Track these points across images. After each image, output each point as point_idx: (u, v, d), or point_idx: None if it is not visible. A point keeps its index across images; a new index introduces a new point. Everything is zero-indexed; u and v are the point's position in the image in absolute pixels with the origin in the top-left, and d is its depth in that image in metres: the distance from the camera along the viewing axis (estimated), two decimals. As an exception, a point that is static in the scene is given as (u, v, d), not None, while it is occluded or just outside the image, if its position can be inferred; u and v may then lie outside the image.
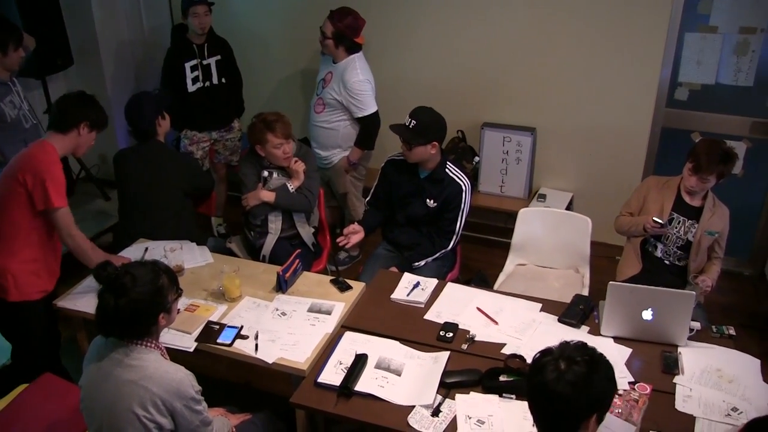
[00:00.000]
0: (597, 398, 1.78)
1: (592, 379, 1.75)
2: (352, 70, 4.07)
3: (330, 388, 2.48)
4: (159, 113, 3.62)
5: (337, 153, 4.31)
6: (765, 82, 4.17)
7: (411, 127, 3.27)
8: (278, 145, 3.53)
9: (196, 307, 2.96)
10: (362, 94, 4.08)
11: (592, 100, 4.48)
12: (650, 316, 2.68)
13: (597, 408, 1.79)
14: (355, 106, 4.10)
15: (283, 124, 3.52)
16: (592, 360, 1.79)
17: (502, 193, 4.78)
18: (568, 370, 1.75)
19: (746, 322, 4.12)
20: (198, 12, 4.28)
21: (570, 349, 1.81)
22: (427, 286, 3.08)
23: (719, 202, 3.34)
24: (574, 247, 3.59)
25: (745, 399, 2.44)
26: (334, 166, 4.35)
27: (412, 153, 3.32)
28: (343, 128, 4.22)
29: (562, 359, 1.77)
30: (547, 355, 1.82)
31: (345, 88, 4.06)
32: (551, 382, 1.74)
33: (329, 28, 4.03)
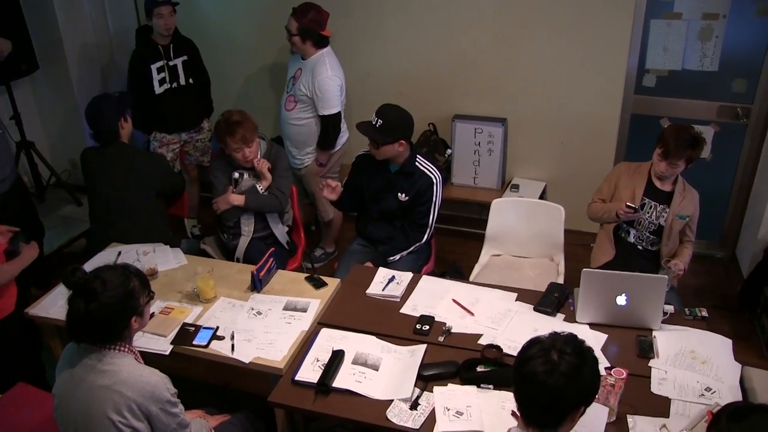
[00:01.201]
0: (587, 390, 1.79)
1: (582, 372, 1.76)
2: (322, 66, 4.04)
3: (308, 385, 2.47)
4: (121, 115, 3.58)
5: (309, 153, 4.29)
6: (729, 66, 4.22)
7: (378, 127, 3.26)
8: (236, 149, 3.50)
9: (170, 309, 2.93)
10: (329, 92, 4.04)
11: (561, 89, 4.51)
12: (624, 302, 2.71)
13: (585, 400, 1.80)
14: (320, 102, 4.06)
15: (244, 130, 3.46)
16: (582, 352, 1.80)
17: (476, 185, 4.79)
18: (561, 361, 1.75)
19: (718, 304, 4.18)
20: (162, 13, 4.23)
21: (560, 341, 1.81)
22: (402, 279, 3.08)
23: (689, 186, 3.38)
24: (548, 235, 3.61)
25: (718, 379, 2.48)
26: (306, 168, 4.33)
27: (379, 152, 3.32)
28: (315, 125, 4.20)
29: (554, 350, 1.78)
30: (536, 345, 1.82)
31: (314, 84, 4.04)
32: (543, 374, 1.75)
33: (294, 25, 4.00)
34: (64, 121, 5.11)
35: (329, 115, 4.09)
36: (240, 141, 3.47)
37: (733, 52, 4.18)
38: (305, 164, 4.31)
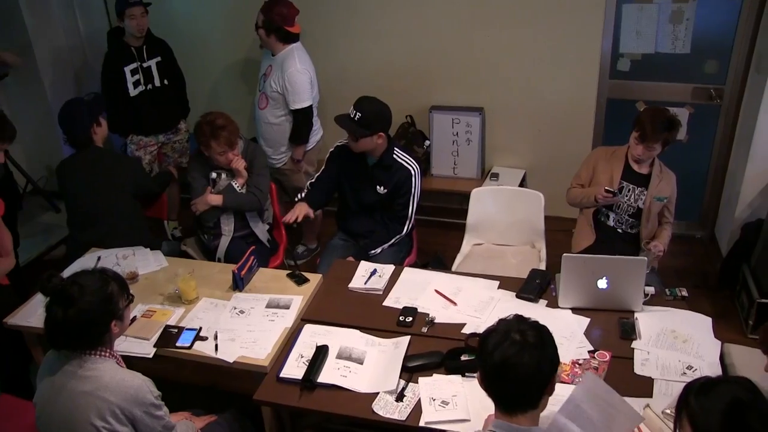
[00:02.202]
0: (553, 359, 1.82)
1: (545, 340, 1.81)
2: (291, 60, 4.02)
3: (293, 382, 2.47)
4: (93, 120, 3.54)
5: (285, 152, 4.27)
6: (701, 48, 4.26)
7: (356, 119, 3.25)
8: (221, 153, 3.47)
9: (153, 312, 2.91)
10: (298, 85, 4.01)
11: (537, 77, 4.52)
12: (605, 285, 2.72)
13: (554, 368, 1.82)
14: (290, 97, 4.04)
15: (229, 133, 3.44)
16: (541, 333, 1.83)
17: (455, 175, 4.80)
18: (525, 337, 1.78)
19: (699, 283, 4.23)
20: (134, 14, 4.18)
21: (513, 323, 1.84)
22: (384, 272, 3.08)
23: (666, 169, 3.40)
24: (528, 222, 3.63)
25: (699, 356, 2.51)
26: (284, 166, 4.31)
27: (357, 144, 3.31)
28: (289, 123, 4.18)
29: (513, 332, 1.80)
30: (493, 335, 1.83)
31: (283, 78, 4.02)
32: (515, 355, 1.76)
33: (260, 17, 3.99)
34: (38, 127, 5.05)
35: (301, 109, 4.08)
36: (225, 145, 3.45)
37: (704, 34, 4.22)
38: (282, 162, 4.30)
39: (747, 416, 1.64)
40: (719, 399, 1.67)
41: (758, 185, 4.08)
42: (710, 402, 1.68)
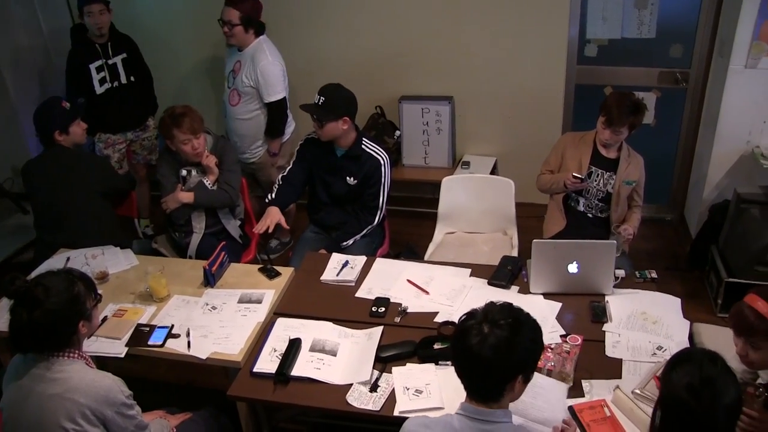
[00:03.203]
0: (520, 361, 1.79)
1: (514, 343, 1.76)
2: (261, 53, 4.00)
3: (266, 376, 2.46)
4: (59, 126, 3.49)
5: (260, 146, 4.25)
6: (666, 33, 4.31)
7: (320, 104, 3.25)
8: (185, 141, 3.43)
9: (124, 311, 2.88)
10: (272, 77, 3.99)
11: (505, 64, 4.54)
12: (576, 269, 2.75)
13: (520, 370, 1.80)
14: (264, 90, 4.02)
15: (190, 119, 3.40)
16: (516, 322, 1.79)
17: (427, 165, 4.81)
18: (491, 334, 1.75)
19: (670, 265, 4.29)
20: (93, 11, 4.11)
21: (494, 311, 1.81)
22: (356, 264, 3.08)
23: (634, 152, 3.44)
24: (499, 210, 3.64)
25: (669, 337, 2.55)
26: (259, 161, 4.28)
27: (324, 130, 3.30)
28: (263, 116, 4.15)
29: (486, 322, 1.78)
30: (471, 319, 1.82)
31: (256, 72, 3.99)
32: (474, 347, 1.75)
33: (234, 14, 3.92)
34: (2, 128, 4.96)
35: (275, 102, 4.06)
36: (188, 131, 3.40)
37: (669, 18, 4.26)
38: (257, 157, 4.27)
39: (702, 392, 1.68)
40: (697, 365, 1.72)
41: (724, 167, 4.14)
42: (675, 376, 1.73)
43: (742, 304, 2.08)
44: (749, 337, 2.06)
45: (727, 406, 1.68)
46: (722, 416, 1.68)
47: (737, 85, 3.88)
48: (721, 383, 1.69)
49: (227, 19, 3.95)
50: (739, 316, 2.07)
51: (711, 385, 1.68)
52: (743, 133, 4.00)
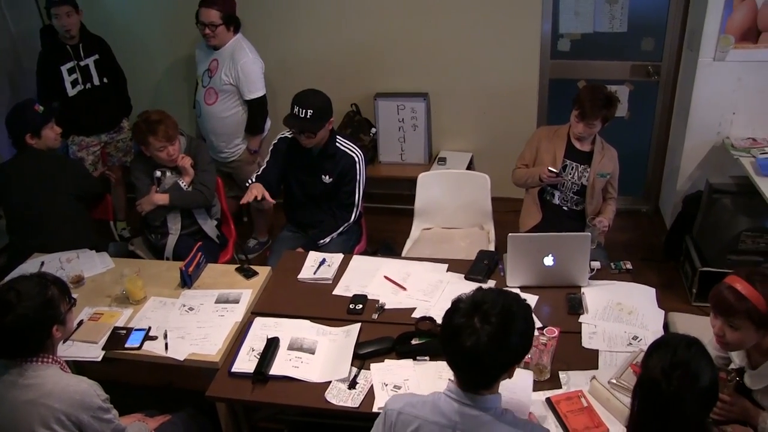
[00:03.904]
0: (516, 352, 1.77)
1: (508, 338, 1.72)
2: (241, 51, 4.00)
3: (245, 376, 2.45)
4: (31, 129, 3.45)
5: (239, 144, 4.23)
6: (637, 27, 4.36)
7: (309, 117, 3.21)
8: (161, 149, 3.41)
9: (100, 314, 2.86)
10: (253, 75, 4.00)
11: (479, 60, 4.56)
12: (551, 262, 2.76)
13: (516, 359, 1.79)
14: (245, 87, 4.01)
15: (166, 126, 3.38)
16: (508, 313, 1.74)
17: (403, 161, 4.82)
18: (483, 330, 1.69)
19: (646, 255, 4.33)
20: (59, 13, 4.06)
21: (487, 304, 1.74)
22: (333, 261, 3.08)
23: (607, 145, 3.46)
24: (476, 205, 3.66)
25: (644, 326, 2.58)
26: (239, 159, 4.27)
27: (316, 139, 3.29)
28: (242, 113, 4.14)
29: (477, 316, 1.71)
30: (459, 310, 1.76)
31: (236, 69, 3.98)
32: (470, 348, 1.69)
33: (215, 15, 3.90)
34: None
35: (256, 99, 4.06)
36: (164, 139, 3.38)
37: (639, 12, 4.32)
38: (236, 155, 4.25)
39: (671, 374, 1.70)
40: (659, 357, 1.75)
41: (697, 158, 4.19)
42: (652, 359, 1.76)
43: (722, 285, 2.10)
44: (728, 317, 2.07)
45: (699, 390, 1.70)
46: (693, 400, 1.70)
47: (707, 78, 3.94)
48: (694, 367, 1.70)
49: (209, 21, 3.92)
50: (719, 297, 2.09)
51: (683, 368, 1.70)
52: (714, 124, 4.06)
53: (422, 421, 1.80)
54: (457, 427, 1.78)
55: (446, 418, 1.79)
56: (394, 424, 1.84)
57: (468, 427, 1.77)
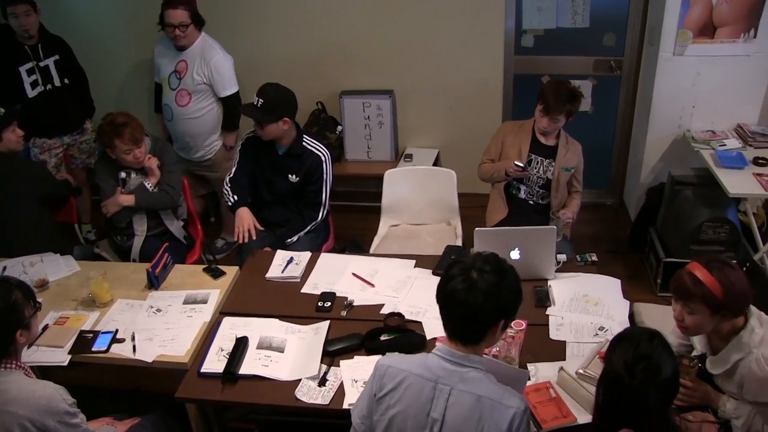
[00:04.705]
0: (505, 306, 1.85)
1: (501, 288, 1.82)
2: (211, 49, 3.99)
3: (214, 376, 2.44)
4: (7, 126, 3.39)
5: (215, 141, 4.21)
6: (599, 22, 4.42)
7: (259, 107, 3.23)
8: (127, 151, 3.38)
9: (66, 318, 2.82)
10: (226, 72, 4.01)
11: (443, 57, 4.58)
12: (518, 256, 2.79)
13: (504, 315, 1.86)
14: (220, 85, 4.01)
15: (132, 129, 3.35)
16: (501, 269, 1.85)
17: (370, 159, 4.83)
18: (480, 279, 1.80)
19: (612, 248, 4.40)
20: (17, 12, 3.97)
21: (480, 260, 1.86)
22: (300, 260, 3.08)
23: (572, 139, 3.51)
24: (442, 200, 3.68)
25: (610, 317, 2.62)
26: (215, 156, 4.24)
27: (265, 132, 3.29)
28: (217, 110, 4.13)
29: (474, 269, 1.82)
30: (457, 265, 1.87)
31: (209, 68, 3.96)
32: (461, 291, 1.80)
33: (184, 15, 3.86)
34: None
35: (230, 96, 4.06)
36: (130, 142, 3.35)
37: (601, 8, 4.37)
38: (213, 153, 4.23)
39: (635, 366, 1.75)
40: (622, 351, 1.80)
41: (659, 151, 4.27)
42: (615, 354, 1.81)
43: (683, 271, 2.17)
44: (686, 301, 2.14)
45: (661, 382, 1.75)
46: (655, 392, 1.74)
47: (667, 72, 4.01)
48: (656, 360, 1.75)
49: (179, 22, 3.88)
50: (678, 282, 2.17)
51: (645, 361, 1.75)
52: (675, 117, 4.14)
53: (407, 373, 1.91)
54: (439, 381, 1.87)
55: (430, 372, 1.88)
56: (383, 377, 1.94)
57: (449, 381, 1.86)
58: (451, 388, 1.85)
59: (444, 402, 1.85)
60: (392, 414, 1.90)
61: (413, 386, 1.88)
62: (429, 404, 1.86)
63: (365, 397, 2.00)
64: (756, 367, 2.09)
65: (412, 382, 1.89)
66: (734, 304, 2.09)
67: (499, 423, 1.81)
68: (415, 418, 1.87)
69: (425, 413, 1.86)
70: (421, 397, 1.87)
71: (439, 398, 1.86)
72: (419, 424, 1.87)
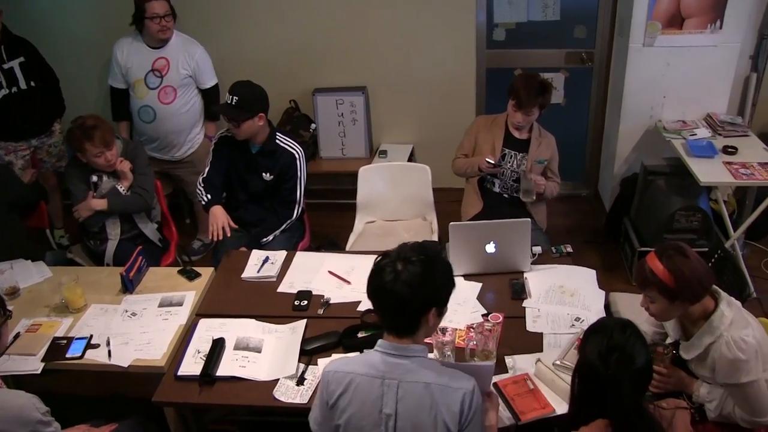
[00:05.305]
0: (432, 295, 1.86)
1: (426, 278, 1.83)
2: (191, 43, 4.02)
3: (191, 379, 2.42)
4: None
5: (198, 132, 4.20)
6: (570, 15, 4.46)
7: (235, 104, 3.20)
8: (98, 155, 3.33)
9: (38, 326, 2.78)
10: (208, 64, 4.07)
11: (415, 52, 4.58)
12: (493, 249, 2.80)
13: (433, 303, 1.87)
14: (203, 77, 4.04)
15: (102, 132, 3.30)
16: (429, 259, 1.86)
17: (344, 156, 4.83)
18: (404, 270, 1.81)
19: (588, 238, 4.43)
20: None
21: (407, 250, 1.88)
22: (276, 259, 3.06)
23: (545, 131, 3.52)
24: (417, 196, 3.69)
25: (586, 307, 2.64)
26: (198, 148, 4.21)
27: (241, 130, 3.26)
28: (199, 101, 4.15)
29: (399, 260, 1.84)
30: (385, 258, 1.88)
31: (195, 60, 3.99)
32: (388, 283, 1.81)
33: (164, 6, 3.84)
34: None
35: (212, 87, 4.09)
36: (101, 145, 3.31)
37: (572, 0, 4.40)
38: (196, 147, 4.22)
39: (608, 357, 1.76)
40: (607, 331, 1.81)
41: (632, 141, 4.31)
42: (589, 344, 1.82)
43: (643, 262, 2.21)
44: (645, 291, 2.20)
45: (634, 371, 1.76)
46: (628, 381, 1.76)
47: (637, 63, 4.04)
48: (629, 350, 1.77)
49: (164, 12, 3.86)
50: (637, 273, 2.23)
51: (619, 351, 1.76)
52: (646, 108, 4.18)
53: (354, 375, 1.91)
54: (385, 377, 1.88)
55: (375, 369, 1.89)
56: (329, 383, 1.94)
57: (395, 375, 1.87)
58: (398, 381, 1.86)
59: (394, 396, 1.86)
60: (347, 417, 1.90)
61: (361, 386, 1.89)
62: (380, 401, 1.87)
63: (318, 405, 2.00)
64: (726, 350, 2.12)
65: (359, 383, 1.89)
66: (687, 291, 2.12)
67: (451, 405, 1.83)
68: (370, 416, 1.88)
69: (378, 410, 1.87)
70: (371, 395, 1.88)
71: (389, 394, 1.86)
72: (374, 422, 1.88)
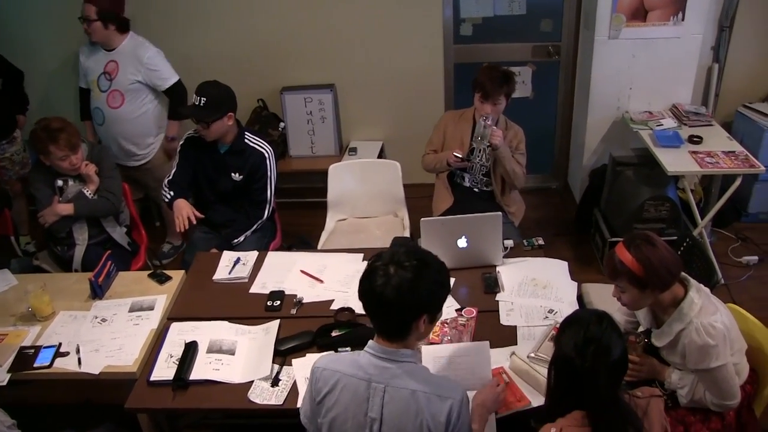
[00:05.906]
0: (423, 301, 1.83)
1: (418, 284, 1.80)
2: (142, 46, 3.91)
3: (164, 383, 2.39)
4: None
5: (153, 142, 4.11)
6: (535, 9, 4.49)
7: (203, 105, 3.17)
8: (63, 158, 3.28)
9: (4, 335, 2.72)
10: (161, 64, 3.93)
11: (382, 48, 4.58)
12: (465, 243, 2.81)
13: (424, 310, 1.85)
14: (158, 80, 3.93)
15: (68, 134, 3.24)
16: (422, 264, 1.83)
17: (314, 154, 4.81)
18: (395, 275, 1.79)
19: (559, 231, 4.46)
20: None
21: (401, 253, 1.85)
22: (248, 259, 3.04)
23: (512, 123, 3.53)
24: (388, 192, 3.68)
25: (559, 299, 2.65)
26: (153, 158, 4.14)
27: (210, 131, 3.22)
28: (153, 109, 4.04)
29: (392, 264, 1.81)
30: (378, 260, 1.85)
31: (143, 65, 3.88)
32: (378, 287, 1.79)
33: (91, 9, 3.76)
34: None
35: (173, 86, 3.98)
36: (66, 148, 3.25)
37: (537, -6, 4.42)
38: (152, 155, 4.14)
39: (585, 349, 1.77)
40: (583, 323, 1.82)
41: (600, 133, 4.35)
42: (565, 337, 1.83)
43: (612, 253, 2.23)
44: (615, 281, 2.22)
45: (611, 363, 1.77)
46: (605, 373, 1.77)
47: (603, 55, 4.09)
48: (605, 341, 1.78)
49: (85, 15, 3.79)
50: (606, 263, 2.26)
51: (595, 343, 1.77)
52: (613, 99, 4.22)
53: (341, 374, 1.89)
54: (372, 380, 1.86)
55: (363, 371, 1.87)
56: (318, 380, 1.92)
57: (381, 379, 1.85)
58: (385, 385, 1.84)
59: (380, 401, 1.84)
60: (332, 416, 1.89)
61: (348, 387, 1.87)
62: (365, 404, 1.85)
63: (307, 400, 1.99)
64: (696, 336, 2.15)
65: (346, 384, 1.87)
66: (656, 279, 2.14)
67: (437, 415, 1.82)
68: (354, 418, 1.86)
69: (363, 413, 1.85)
70: (357, 397, 1.86)
71: (375, 397, 1.85)
72: (359, 425, 1.86)
